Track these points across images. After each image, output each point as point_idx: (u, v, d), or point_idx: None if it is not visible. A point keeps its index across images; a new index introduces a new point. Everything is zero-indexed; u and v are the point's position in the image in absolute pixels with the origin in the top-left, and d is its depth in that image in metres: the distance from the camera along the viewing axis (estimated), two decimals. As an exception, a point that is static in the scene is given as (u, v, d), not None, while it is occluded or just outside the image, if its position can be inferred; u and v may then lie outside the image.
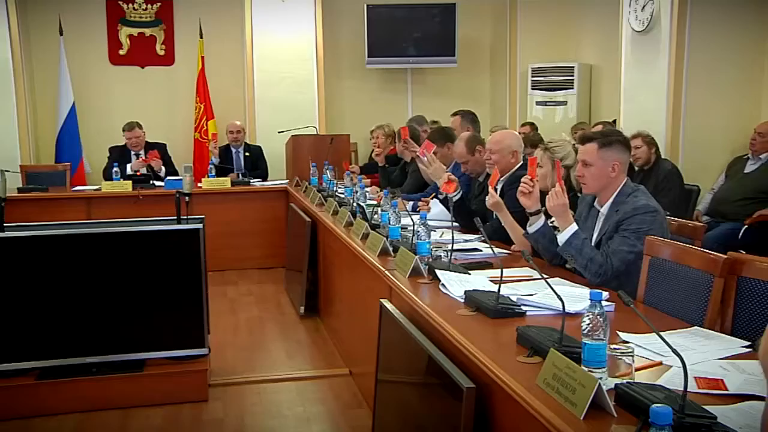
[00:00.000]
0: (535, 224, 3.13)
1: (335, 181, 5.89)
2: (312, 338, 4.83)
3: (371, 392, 3.10)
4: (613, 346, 1.72)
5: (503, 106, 8.97)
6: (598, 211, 3.05)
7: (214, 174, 6.96)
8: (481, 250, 3.45)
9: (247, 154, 7.55)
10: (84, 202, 6.62)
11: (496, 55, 9.17)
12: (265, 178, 7.44)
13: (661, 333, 1.59)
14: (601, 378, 1.60)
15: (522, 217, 3.31)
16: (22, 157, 7.71)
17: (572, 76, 7.95)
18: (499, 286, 2.38)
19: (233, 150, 7.53)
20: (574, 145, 3.49)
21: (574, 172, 3.30)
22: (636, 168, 5.27)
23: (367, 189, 5.28)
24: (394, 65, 8.86)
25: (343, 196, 5.32)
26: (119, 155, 7.13)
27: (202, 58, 8.40)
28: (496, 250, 2.93)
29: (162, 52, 8.54)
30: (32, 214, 5.95)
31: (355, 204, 4.56)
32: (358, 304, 3.86)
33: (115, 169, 6.77)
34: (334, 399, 3.79)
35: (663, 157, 5.63)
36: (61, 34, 8.04)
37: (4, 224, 3.89)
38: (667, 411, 1.27)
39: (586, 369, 1.64)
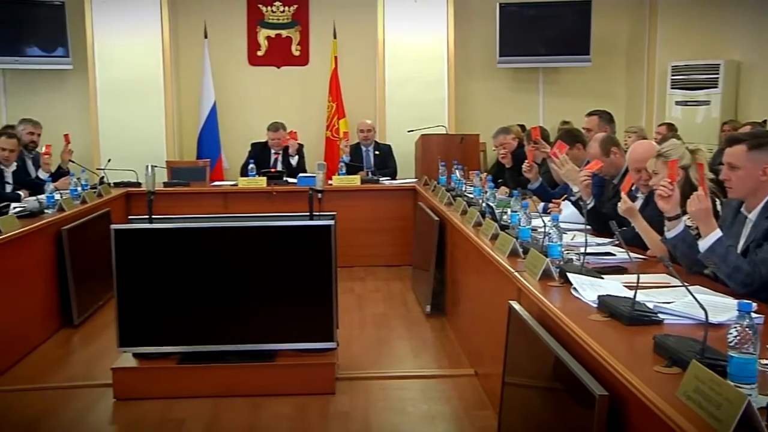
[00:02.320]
0: (674, 229, 2.99)
1: (464, 181, 5.87)
2: (437, 337, 4.83)
3: (497, 394, 3.06)
4: (763, 362, 1.62)
5: (639, 106, 8.64)
6: (746, 217, 2.87)
7: (344, 172, 7.10)
8: (614, 255, 3.33)
9: (377, 152, 7.65)
10: (221, 197, 6.93)
11: (632, 53, 8.84)
12: (394, 177, 7.52)
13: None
14: (750, 395, 1.51)
15: (660, 227, 3.18)
16: (168, 153, 8.16)
17: (717, 74, 7.55)
18: (635, 292, 2.29)
19: (363, 148, 7.65)
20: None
21: (692, 173, 3.20)
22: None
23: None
24: (525, 64, 8.72)
25: (471, 195, 5.29)
26: (259, 152, 7.41)
27: (336, 58, 8.59)
28: (632, 254, 2.82)
29: (297, 53, 8.81)
30: (175, 206, 6.30)
31: (484, 204, 4.53)
32: (485, 305, 3.83)
33: (251, 165, 7.05)
34: (458, 399, 3.77)
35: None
36: (206, 37, 8.46)
37: (152, 216, 4.13)
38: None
39: (732, 384, 1.55)
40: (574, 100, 8.51)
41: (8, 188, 5.86)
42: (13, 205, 5.04)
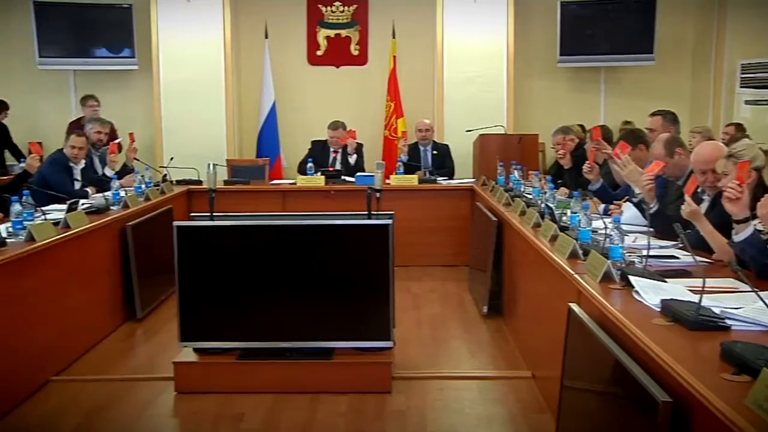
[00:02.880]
0: (743, 232, 2.90)
1: (523, 182, 5.81)
2: (494, 338, 4.80)
3: (555, 397, 3.02)
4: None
5: (705, 105, 8.41)
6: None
7: (402, 171, 7.11)
8: (678, 258, 3.26)
9: (434, 152, 7.64)
10: (280, 195, 7.01)
11: (699, 51, 8.62)
12: (451, 177, 7.49)
13: None
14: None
15: (726, 231, 3.09)
16: (228, 151, 8.31)
17: (789, 72, 7.29)
18: (701, 297, 2.23)
19: (421, 148, 7.64)
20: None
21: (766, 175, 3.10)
22: None
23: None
24: (586, 64, 8.59)
25: (530, 196, 5.23)
26: (319, 150, 7.48)
27: (394, 57, 8.62)
28: (697, 258, 2.75)
29: (356, 52, 8.86)
30: (235, 204, 6.41)
31: (543, 205, 4.48)
32: (544, 307, 3.78)
33: (309, 164, 7.11)
34: (515, 401, 3.74)
35: None
36: (266, 37, 8.58)
37: (214, 213, 4.21)
38: None
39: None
40: (636, 99, 8.35)
41: (77, 185, 6.05)
42: (81, 201, 5.19)
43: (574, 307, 2.83)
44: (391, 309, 3.89)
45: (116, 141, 6.79)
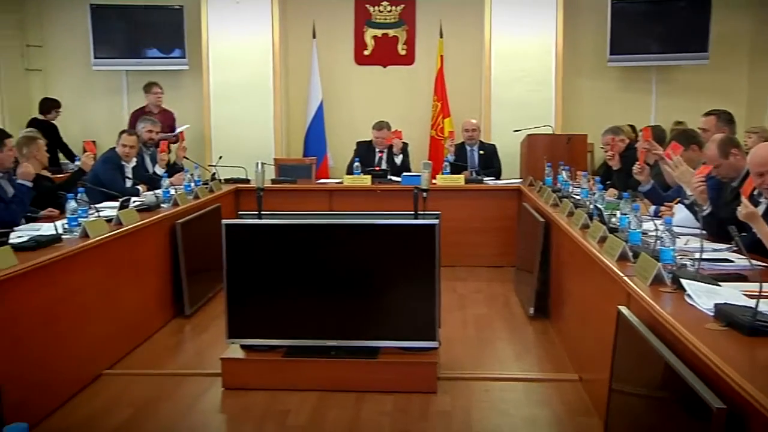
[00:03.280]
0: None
1: (571, 182, 5.74)
2: (540, 340, 4.75)
3: (602, 401, 2.98)
4: None
5: (762, 105, 8.19)
6: None
7: (448, 171, 7.09)
8: (733, 261, 3.18)
9: (481, 152, 7.60)
10: (327, 194, 7.05)
11: (756, 48, 8.40)
12: (498, 177, 7.44)
13: None
14: None
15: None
16: (276, 150, 8.38)
17: None
18: (758, 301, 2.17)
19: (468, 148, 7.61)
20: None
21: None
22: None
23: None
24: (637, 63, 8.44)
25: (579, 197, 5.17)
26: (364, 150, 7.50)
27: (441, 57, 8.60)
28: (753, 261, 2.69)
29: (403, 52, 8.86)
30: (282, 203, 6.47)
31: (592, 206, 4.42)
32: (592, 309, 3.73)
33: (356, 163, 7.14)
34: (561, 404, 3.69)
35: None
36: (314, 37, 8.64)
37: (261, 212, 4.25)
38: None
39: None
40: (688, 99, 8.19)
41: (128, 183, 6.17)
42: (132, 199, 5.29)
43: (624, 310, 2.79)
44: (437, 309, 3.88)
45: (183, 128, 6.99)
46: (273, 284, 3.92)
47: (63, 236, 3.93)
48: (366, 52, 8.89)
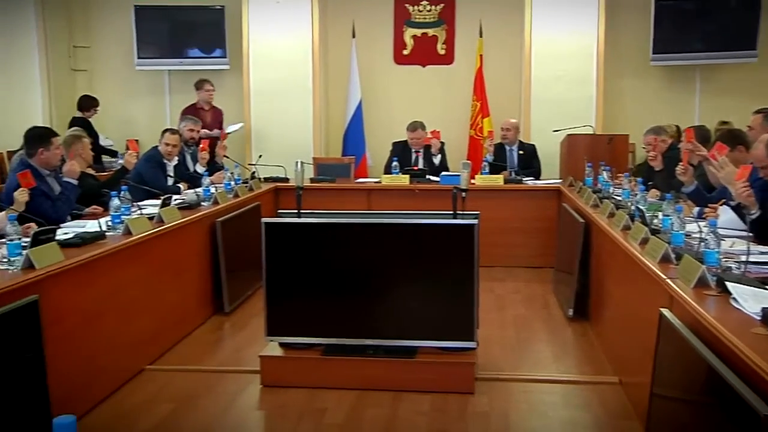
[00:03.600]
0: None
1: (612, 183, 5.67)
2: (579, 342, 4.70)
3: (643, 405, 2.94)
4: None
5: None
6: None
7: (487, 171, 7.05)
8: (780, 264, 3.11)
9: (521, 152, 7.54)
10: (365, 193, 7.06)
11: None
12: (537, 177, 7.38)
13: None
14: None
15: None
16: (315, 149, 8.43)
17: None
18: (805, 306, 2.13)
19: (507, 148, 7.56)
20: None
21: None
22: None
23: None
24: (681, 62, 8.29)
25: (620, 198, 5.11)
26: (401, 151, 7.50)
27: (481, 56, 8.56)
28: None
29: (443, 52, 8.84)
30: (321, 202, 6.50)
31: (633, 207, 4.36)
32: (633, 311, 3.68)
33: (394, 163, 7.14)
34: (601, 407, 3.65)
35: None
36: (354, 37, 8.67)
37: (301, 211, 4.28)
38: None
39: None
40: (734, 99, 8.03)
41: (170, 181, 6.26)
42: (174, 197, 5.37)
43: (666, 312, 2.74)
44: (475, 309, 3.86)
45: (236, 127, 7.03)
46: (312, 283, 3.94)
47: (107, 233, 4.00)
48: (405, 52, 8.89)
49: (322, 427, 3.45)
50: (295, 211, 4.36)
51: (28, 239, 3.32)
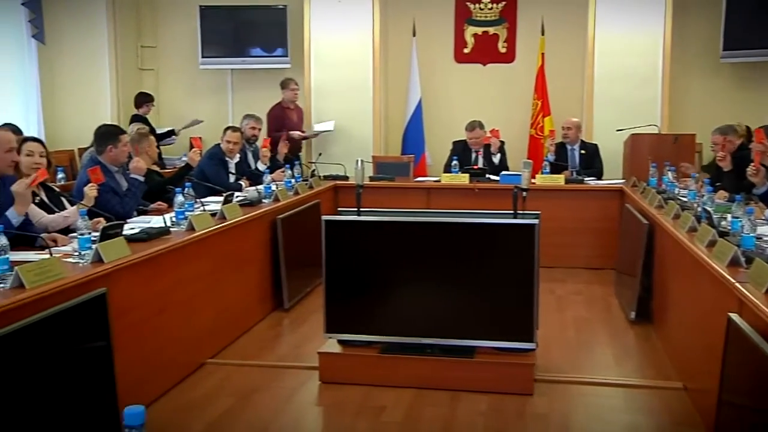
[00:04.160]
0: None
1: (677, 183, 5.54)
2: (642, 346, 4.60)
3: (710, 412, 2.86)
4: None
5: None
6: None
7: (548, 171, 6.96)
8: None
9: (582, 151, 7.42)
10: (424, 192, 7.05)
11: None
12: (599, 177, 7.25)
13: None
14: None
15: None
16: (374, 148, 8.45)
17: None
18: None
19: (568, 147, 7.44)
20: None
21: None
22: None
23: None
24: (754, 58, 8.01)
25: (685, 199, 4.98)
26: (461, 150, 7.46)
27: (542, 55, 8.44)
28: None
29: (503, 50, 8.77)
30: (380, 200, 6.49)
31: (700, 208, 4.25)
32: (699, 315, 3.58)
33: (454, 162, 7.11)
34: (664, 412, 3.57)
35: None
36: (414, 35, 8.66)
37: (361, 209, 4.30)
38: None
39: None
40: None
41: (232, 178, 6.37)
42: (236, 194, 5.45)
43: (735, 317, 2.67)
44: (535, 310, 3.82)
45: (327, 126, 7.15)
46: (371, 281, 3.96)
47: (171, 229, 4.10)
48: (466, 50, 8.85)
49: (380, 425, 3.46)
50: (355, 209, 4.37)
51: (97, 234, 3.42)
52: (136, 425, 1.43)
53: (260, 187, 5.82)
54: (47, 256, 3.10)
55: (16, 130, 5.63)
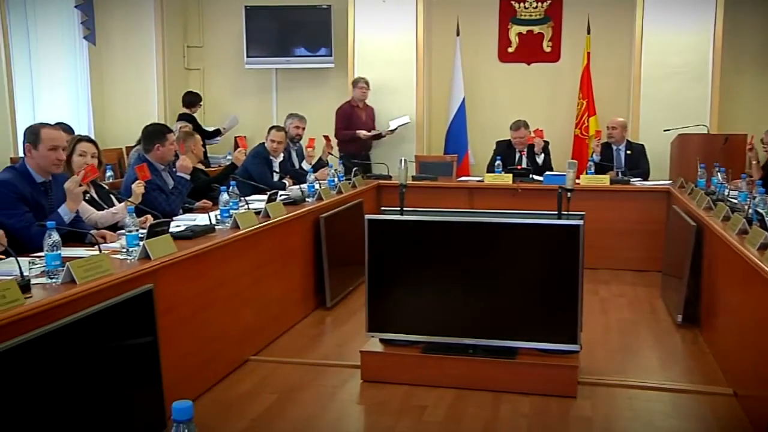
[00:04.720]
0: None
1: (727, 185, 5.41)
2: (689, 350, 4.51)
3: (763, 420, 2.80)
4: None
5: None
6: None
7: (593, 171, 6.88)
8: None
9: (628, 152, 7.30)
10: (467, 192, 7.02)
11: None
12: (645, 178, 7.13)
13: None
14: None
15: None
16: (417, 147, 8.44)
17: None
18: None
19: (614, 147, 7.33)
20: None
21: None
22: None
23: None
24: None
25: (735, 201, 4.87)
26: (504, 150, 7.41)
27: (588, 54, 8.34)
28: None
29: (548, 49, 8.68)
30: (423, 200, 6.50)
31: (751, 210, 4.15)
32: (750, 320, 3.49)
33: (497, 162, 7.07)
34: (714, 419, 3.49)
35: None
36: (458, 34, 8.63)
37: (404, 208, 4.30)
38: None
39: None
40: None
41: (275, 177, 6.42)
42: (279, 192, 5.50)
43: (788, 322, 2.59)
44: (579, 312, 3.77)
45: (401, 122, 7.28)
46: (413, 280, 3.95)
47: (216, 227, 4.15)
48: (510, 50, 8.79)
49: (423, 425, 3.45)
50: (398, 208, 4.37)
51: (144, 231, 3.48)
52: (185, 420, 1.44)
53: (304, 185, 5.86)
54: (96, 252, 3.17)
55: (68, 129, 5.77)
